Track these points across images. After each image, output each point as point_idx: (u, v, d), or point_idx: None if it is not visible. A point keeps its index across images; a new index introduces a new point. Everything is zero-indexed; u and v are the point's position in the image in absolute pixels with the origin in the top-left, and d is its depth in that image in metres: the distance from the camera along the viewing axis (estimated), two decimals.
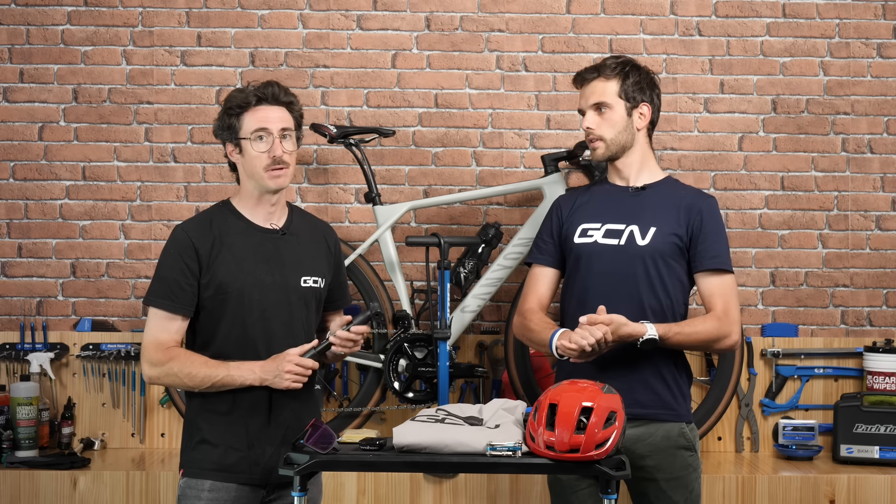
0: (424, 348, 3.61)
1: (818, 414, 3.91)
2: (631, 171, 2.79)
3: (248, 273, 2.53)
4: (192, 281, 2.51)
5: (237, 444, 2.51)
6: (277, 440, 2.54)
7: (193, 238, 2.53)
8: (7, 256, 4.00)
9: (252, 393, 2.51)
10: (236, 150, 2.57)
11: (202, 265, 2.52)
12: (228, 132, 2.56)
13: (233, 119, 2.55)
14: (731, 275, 2.73)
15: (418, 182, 4.03)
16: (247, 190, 2.60)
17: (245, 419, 2.52)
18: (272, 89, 2.56)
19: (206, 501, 2.49)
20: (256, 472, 2.52)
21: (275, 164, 2.53)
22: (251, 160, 2.54)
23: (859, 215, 4.04)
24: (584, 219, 2.78)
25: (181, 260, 2.51)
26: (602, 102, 2.74)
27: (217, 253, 2.52)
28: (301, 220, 2.70)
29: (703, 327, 2.66)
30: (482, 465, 2.33)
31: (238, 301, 2.51)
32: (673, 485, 2.69)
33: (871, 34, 4.04)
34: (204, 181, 4.03)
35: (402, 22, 4.03)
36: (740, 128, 4.04)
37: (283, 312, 2.55)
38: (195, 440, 2.54)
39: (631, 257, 2.69)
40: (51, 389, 3.87)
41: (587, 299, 2.70)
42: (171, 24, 4.02)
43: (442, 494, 3.50)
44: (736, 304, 2.72)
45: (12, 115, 4.02)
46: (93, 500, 3.44)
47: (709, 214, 2.73)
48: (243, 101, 2.54)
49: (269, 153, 2.52)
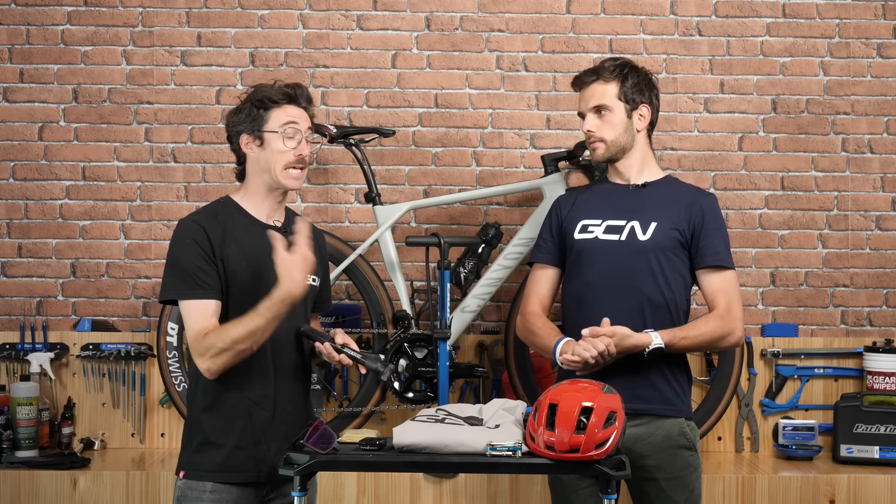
0: (424, 348, 3.61)
1: (818, 414, 3.91)
2: (631, 171, 2.81)
3: (255, 268, 2.52)
4: (212, 265, 2.48)
5: (243, 443, 2.50)
6: (281, 436, 2.53)
7: (204, 225, 2.51)
8: (7, 256, 4.00)
9: (256, 388, 2.51)
10: (256, 141, 2.55)
11: (215, 251, 2.50)
12: (251, 123, 2.55)
13: (260, 111, 2.54)
14: (732, 271, 2.74)
15: (418, 182, 4.03)
16: (254, 185, 2.59)
17: (250, 414, 2.51)
18: (303, 91, 2.58)
19: (208, 503, 2.48)
20: (263, 470, 2.51)
21: (297, 163, 2.54)
22: (273, 154, 2.53)
23: (859, 215, 4.04)
24: (584, 215, 2.79)
25: (197, 246, 2.48)
26: (602, 105, 2.75)
27: (226, 244, 2.51)
28: (294, 218, 2.71)
29: (706, 328, 2.67)
30: (482, 465, 2.33)
31: (244, 294, 2.51)
32: (673, 484, 2.69)
33: (871, 34, 4.04)
34: (204, 181, 4.03)
35: (402, 22, 4.03)
36: (740, 128, 4.04)
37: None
38: (197, 441, 2.52)
39: (632, 252, 2.69)
40: (51, 389, 3.87)
41: (588, 295, 2.70)
42: (171, 24, 4.02)
43: (442, 494, 3.50)
44: (738, 300, 2.73)
45: (12, 115, 4.02)
46: (93, 500, 3.44)
47: (709, 211, 2.75)
48: (275, 97, 2.55)
49: (296, 151, 2.53)
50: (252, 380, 2.50)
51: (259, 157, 2.56)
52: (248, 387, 2.50)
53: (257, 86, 2.61)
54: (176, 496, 2.53)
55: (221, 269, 2.50)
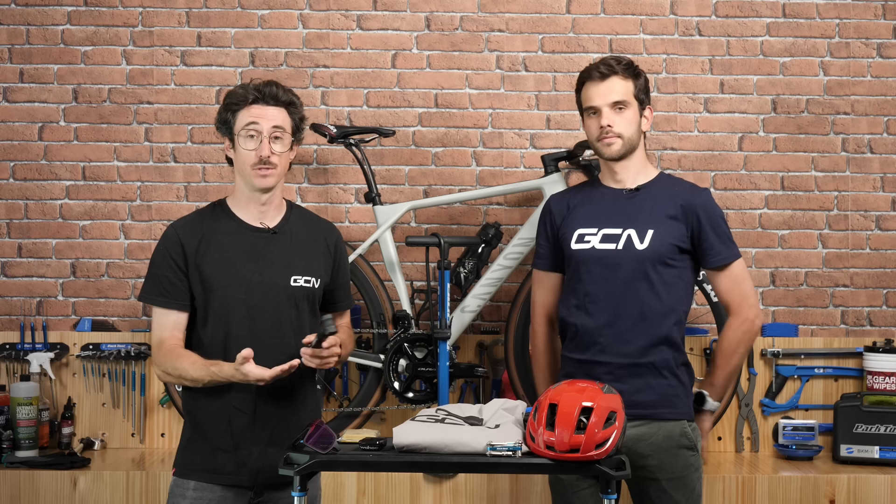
0: (424, 348, 3.61)
1: (818, 414, 3.91)
2: (629, 173, 2.77)
3: (234, 271, 2.53)
4: (181, 275, 2.53)
5: (224, 445, 2.52)
6: (263, 441, 2.53)
7: (181, 235, 2.56)
8: (7, 256, 4.00)
9: (236, 393, 2.50)
10: (230, 145, 2.58)
11: (188, 261, 2.53)
12: (224, 127, 2.58)
13: (229, 114, 2.56)
14: (737, 262, 2.76)
15: (418, 182, 4.03)
16: (239, 187, 2.61)
17: (229, 418, 2.52)
18: (270, 89, 2.56)
19: (191, 500, 2.51)
20: (244, 474, 2.52)
21: (261, 164, 2.52)
22: (240, 157, 2.55)
23: (859, 215, 4.04)
24: (579, 224, 2.76)
25: (168, 256, 2.54)
26: (623, 101, 2.72)
27: (204, 250, 2.53)
28: (300, 219, 2.69)
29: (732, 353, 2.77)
30: (482, 465, 2.33)
31: (223, 299, 2.52)
32: (675, 484, 2.69)
33: (871, 34, 4.04)
34: (204, 181, 4.03)
35: (402, 22, 4.03)
36: (740, 128, 4.04)
37: (269, 312, 2.54)
38: (185, 439, 2.57)
39: (630, 262, 2.68)
40: (51, 389, 3.87)
41: (587, 305, 2.70)
42: (171, 24, 4.02)
43: (442, 494, 3.50)
44: (749, 288, 2.78)
45: (12, 115, 4.02)
46: (93, 500, 3.44)
47: (704, 210, 2.73)
48: (240, 98, 2.55)
49: (257, 152, 2.52)
50: (231, 384, 2.49)
51: (236, 160, 2.58)
52: (229, 390, 2.51)
53: (230, 89, 2.62)
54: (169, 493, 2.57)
55: (197, 277, 2.52)
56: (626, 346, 2.66)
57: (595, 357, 2.68)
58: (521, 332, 3.71)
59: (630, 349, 2.66)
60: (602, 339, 2.68)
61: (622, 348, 2.66)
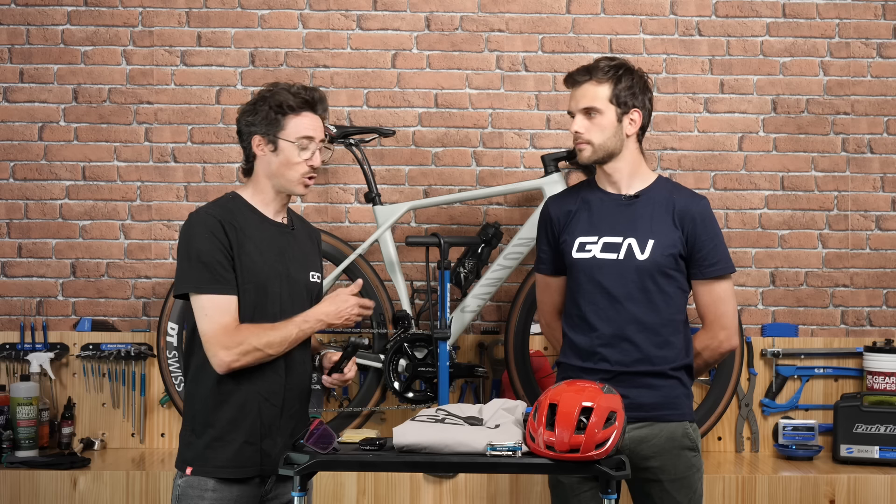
0: (424, 348, 3.61)
1: (818, 414, 3.91)
2: (621, 176, 2.74)
3: (269, 265, 2.53)
4: (231, 261, 2.48)
5: (252, 438, 2.50)
6: (287, 432, 2.54)
7: (221, 220, 2.49)
8: (7, 256, 4.00)
9: (267, 383, 2.51)
10: (269, 146, 2.54)
11: (233, 248, 2.49)
12: (267, 126, 2.53)
13: (277, 116, 2.52)
14: (728, 280, 2.73)
15: (418, 182, 4.03)
16: (263, 185, 2.58)
17: (260, 409, 2.51)
18: (321, 97, 2.58)
19: (210, 502, 2.47)
20: (267, 464, 2.51)
21: (310, 173, 2.55)
22: (287, 164, 2.53)
23: (859, 215, 4.04)
24: (580, 231, 2.74)
25: (216, 239, 2.47)
26: (592, 107, 2.67)
27: (242, 241, 2.50)
28: (296, 218, 2.73)
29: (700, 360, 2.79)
30: (482, 465, 2.33)
31: (261, 292, 2.51)
32: (677, 485, 2.68)
33: (871, 34, 4.04)
34: (204, 181, 4.03)
35: (402, 22, 4.03)
36: (740, 128, 4.04)
37: (297, 305, 2.56)
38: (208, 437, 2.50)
39: (631, 272, 2.66)
40: (51, 389, 3.87)
41: (589, 315, 2.69)
42: (171, 24, 4.02)
43: (442, 494, 3.50)
44: (728, 309, 2.74)
45: (12, 115, 4.02)
46: (93, 500, 3.44)
47: (702, 220, 2.70)
48: (294, 103, 2.53)
49: (309, 162, 2.54)
50: (264, 374, 2.50)
51: (271, 161, 2.55)
52: (260, 381, 2.50)
53: (274, 86, 2.57)
54: (176, 494, 2.51)
55: (239, 266, 2.49)
56: (627, 356, 2.66)
57: (597, 365, 2.67)
58: (521, 332, 3.71)
59: (630, 359, 2.66)
60: (603, 350, 2.67)
61: (623, 358, 2.66)
